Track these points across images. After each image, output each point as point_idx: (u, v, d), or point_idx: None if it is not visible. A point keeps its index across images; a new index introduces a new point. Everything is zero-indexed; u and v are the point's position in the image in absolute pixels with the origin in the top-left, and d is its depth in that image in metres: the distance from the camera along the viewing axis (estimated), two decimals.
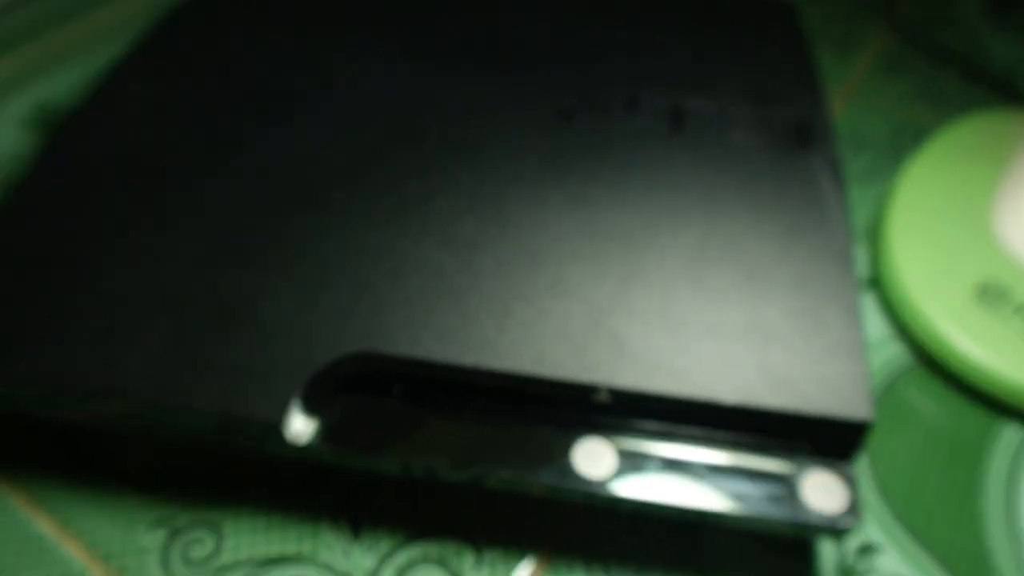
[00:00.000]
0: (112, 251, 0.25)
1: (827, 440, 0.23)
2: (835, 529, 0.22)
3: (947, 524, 0.26)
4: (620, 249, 0.25)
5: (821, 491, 0.23)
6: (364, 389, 0.24)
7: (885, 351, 0.31)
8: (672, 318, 0.24)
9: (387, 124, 0.29)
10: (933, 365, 0.30)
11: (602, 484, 0.22)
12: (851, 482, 0.23)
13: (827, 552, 0.26)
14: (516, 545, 0.25)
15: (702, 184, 0.27)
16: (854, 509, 0.22)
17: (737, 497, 0.22)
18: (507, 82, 0.31)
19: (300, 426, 0.23)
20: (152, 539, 0.25)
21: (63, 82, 0.41)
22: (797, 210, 0.27)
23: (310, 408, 0.23)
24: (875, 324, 0.31)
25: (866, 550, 0.26)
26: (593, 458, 0.23)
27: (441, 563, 0.25)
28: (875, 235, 0.34)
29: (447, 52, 0.32)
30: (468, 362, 0.23)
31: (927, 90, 0.43)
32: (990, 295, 0.29)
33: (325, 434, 0.23)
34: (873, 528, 0.26)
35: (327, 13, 0.35)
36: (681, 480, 0.23)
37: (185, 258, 0.25)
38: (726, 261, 0.25)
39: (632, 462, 0.23)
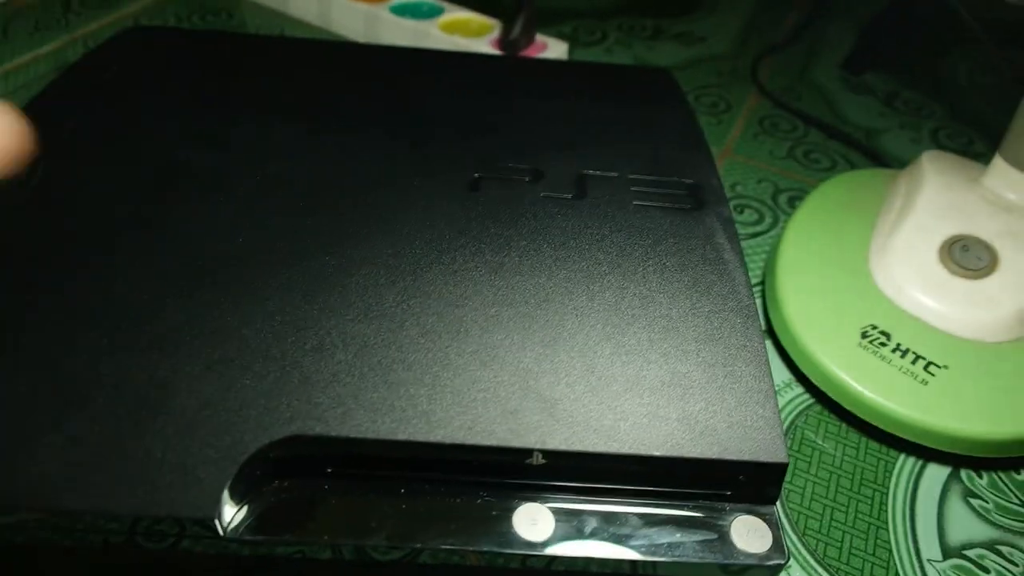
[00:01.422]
0: (7, 342, 0.24)
1: (749, 484, 0.24)
2: (766, 568, 0.23)
3: (859, 556, 0.28)
4: (540, 313, 0.26)
5: (748, 534, 0.24)
6: (295, 472, 0.23)
7: (786, 395, 0.33)
8: (596, 378, 0.25)
9: (298, 197, 0.29)
10: (830, 405, 0.32)
11: (543, 547, 0.23)
12: (774, 522, 0.24)
13: None
14: None
15: (610, 247, 0.29)
16: (780, 547, 0.23)
17: (671, 547, 0.23)
18: (415, 155, 0.31)
19: (233, 519, 0.22)
20: None
21: None
22: (700, 266, 0.28)
23: (241, 499, 0.22)
24: (774, 370, 0.33)
25: None
26: (532, 522, 0.23)
27: None
28: (765, 287, 0.36)
29: (355, 125, 0.33)
30: (401, 437, 0.23)
31: (795, 149, 0.47)
32: (873, 337, 0.32)
33: (257, 525, 0.22)
34: (793, 566, 0.27)
35: (221, 83, 0.35)
36: (617, 535, 0.23)
37: (92, 347, 0.24)
38: (641, 319, 0.26)
39: (569, 522, 0.23)
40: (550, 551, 0.23)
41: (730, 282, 0.28)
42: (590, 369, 0.25)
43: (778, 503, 0.24)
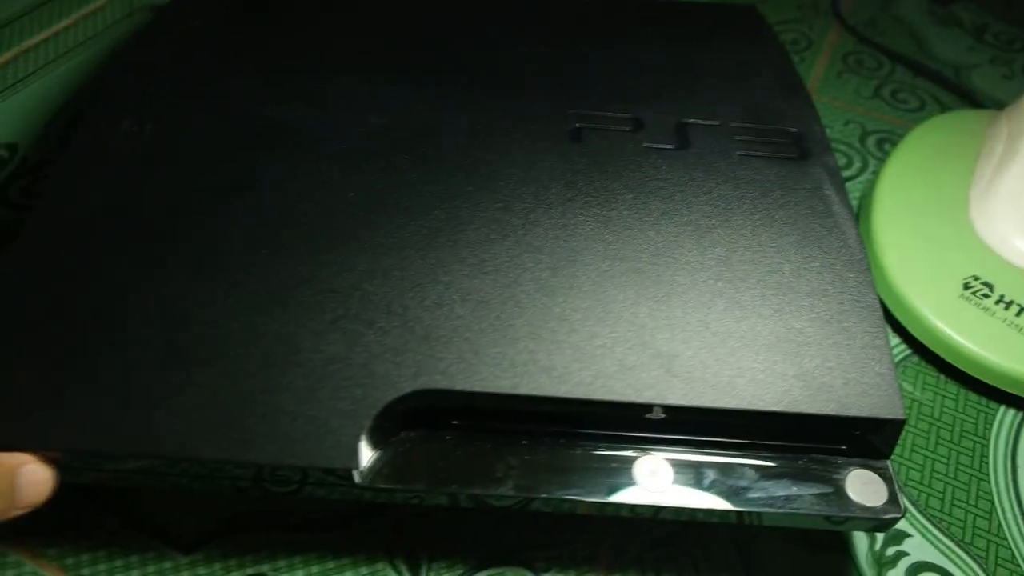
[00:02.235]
0: (137, 305, 0.24)
1: (864, 439, 0.24)
2: (882, 520, 0.23)
3: (961, 506, 0.28)
4: (652, 268, 0.26)
5: (863, 487, 0.24)
6: (421, 424, 0.24)
7: None
8: (711, 333, 0.25)
9: (401, 151, 0.29)
10: (928, 357, 0.32)
11: (664, 496, 0.23)
12: (890, 477, 0.24)
13: (860, 544, 0.27)
14: (574, 563, 0.26)
15: (717, 199, 0.28)
16: (895, 501, 0.24)
17: (787, 499, 0.24)
18: (514, 105, 0.31)
19: (366, 468, 0.23)
20: None
21: (2, 116, 0.39)
22: (810, 219, 0.28)
23: (373, 449, 0.23)
24: None
25: (893, 539, 0.27)
26: (652, 473, 0.24)
27: None
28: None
29: (450, 77, 0.32)
30: (523, 391, 0.23)
31: (882, 88, 0.45)
32: (975, 289, 0.31)
33: (389, 473, 0.23)
34: None
35: (308, 33, 0.34)
36: (734, 487, 0.24)
37: (218, 306, 0.24)
38: (753, 274, 0.26)
39: (688, 474, 0.24)
40: (669, 502, 0.23)
41: (841, 236, 0.27)
42: (705, 324, 0.25)
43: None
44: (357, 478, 0.22)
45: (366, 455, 0.23)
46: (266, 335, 0.24)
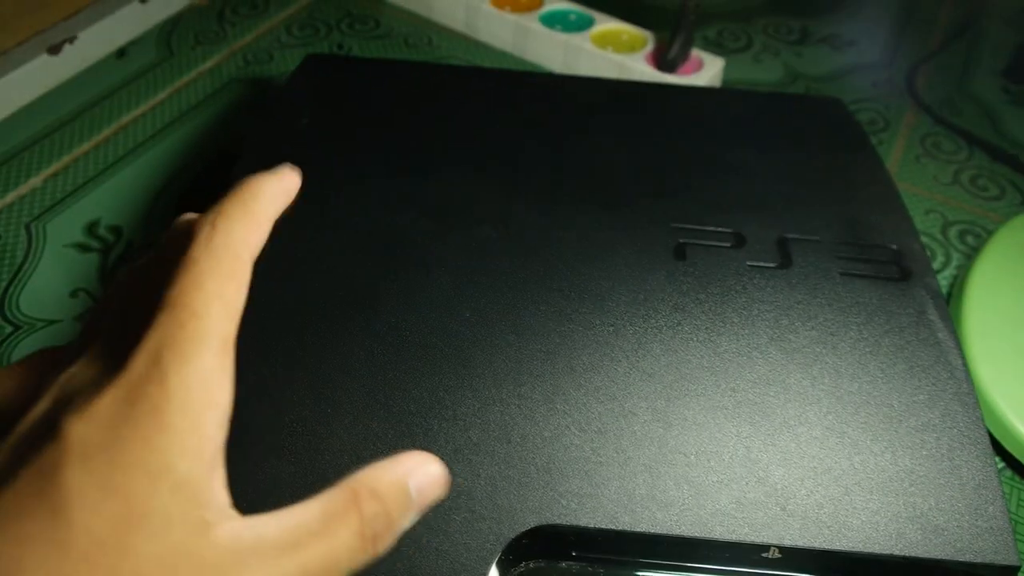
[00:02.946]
0: (266, 429, 0.25)
1: None
2: None
3: None
4: (760, 399, 0.27)
5: None
6: (542, 554, 0.25)
7: None
8: (825, 471, 0.25)
9: (509, 268, 0.30)
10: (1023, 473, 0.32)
11: None
12: None
13: None
14: None
15: (822, 324, 0.29)
16: None
17: None
18: (619, 218, 0.32)
19: None
20: None
21: (107, 197, 0.41)
22: (915, 347, 0.28)
23: None
24: None
25: None
26: None
27: None
28: None
29: (554, 186, 0.33)
30: (641, 528, 0.24)
31: (960, 174, 0.45)
32: None
33: None
34: None
35: (409, 131, 0.35)
36: None
37: (345, 433, 0.25)
38: (862, 407, 0.27)
39: None
40: None
41: (947, 366, 0.28)
42: (818, 461, 0.25)
43: None
44: None
45: None
46: None
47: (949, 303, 0.37)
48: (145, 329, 0.19)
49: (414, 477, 0.20)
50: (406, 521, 0.20)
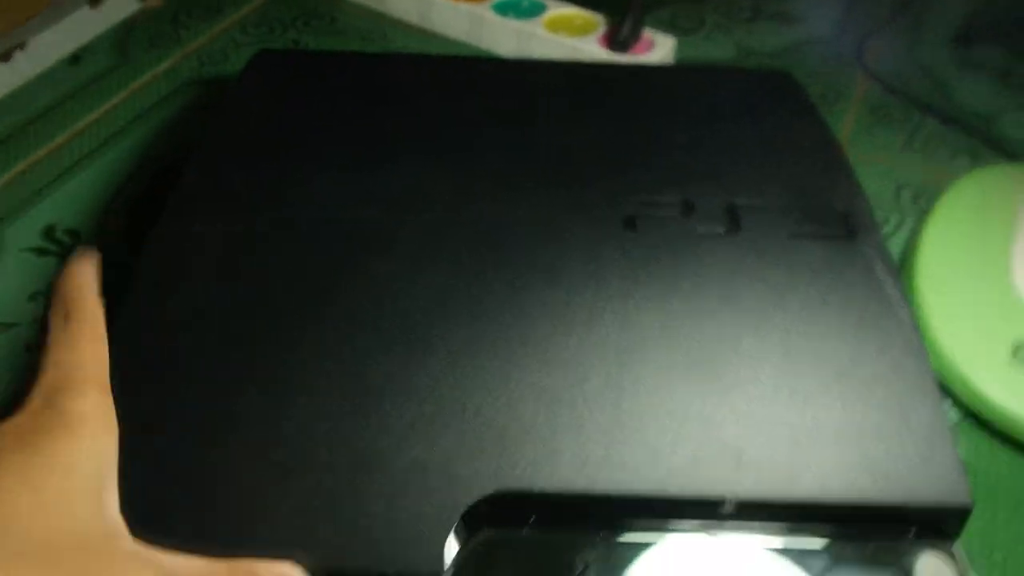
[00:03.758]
0: (225, 414, 0.25)
1: (932, 525, 0.25)
2: None
3: (1021, 573, 0.29)
4: (713, 359, 0.27)
5: (934, 571, 0.25)
6: (499, 522, 0.25)
7: None
8: (776, 424, 0.26)
9: (462, 247, 0.30)
10: (980, 423, 0.33)
11: None
12: (960, 560, 0.25)
13: None
14: None
15: (771, 285, 0.29)
16: None
17: None
18: (570, 195, 0.32)
19: (451, 570, 0.24)
20: None
21: (64, 201, 0.40)
22: (863, 303, 0.29)
23: (457, 550, 0.24)
24: None
25: None
26: (725, 561, 0.24)
27: None
28: None
29: (496, 159, 0.33)
30: (598, 489, 0.24)
31: (912, 140, 0.46)
32: None
33: (471, 573, 0.24)
34: None
35: (361, 118, 0.36)
36: (808, 574, 0.24)
37: (303, 413, 0.25)
38: (812, 363, 0.27)
39: (761, 562, 0.25)
40: None
41: (895, 318, 0.28)
42: (770, 415, 0.26)
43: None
44: None
45: (450, 557, 0.24)
46: (349, 441, 0.25)
47: (903, 262, 0.38)
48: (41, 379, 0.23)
49: None
50: None
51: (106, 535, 0.21)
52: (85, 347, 0.24)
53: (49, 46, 0.47)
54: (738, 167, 0.34)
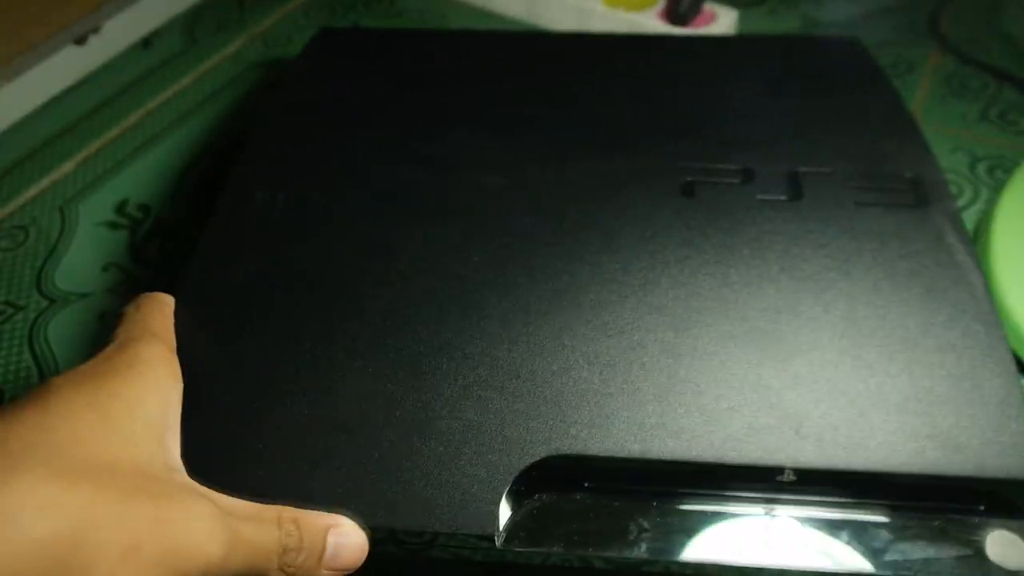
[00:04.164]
0: (285, 373, 0.26)
1: (1003, 499, 0.24)
2: None
3: None
4: (771, 327, 0.26)
5: (1004, 549, 0.24)
6: (553, 486, 0.25)
7: None
8: (840, 393, 0.25)
9: (519, 213, 0.30)
10: None
11: (794, 557, 0.23)
12: None
13: None
14: None
15: (834, 250, 0.28)
16: None
17: (925, 562, 0.23)
18: (626, 160, 0.32)
19: (504, 532, 0.24)
20: None
21: (135, 179, 0.42)
22: (933, 270, 0.28)
23: (509, 513, 0.24)
24: None
25: None
26: (783, 534, 0.24)
27: None
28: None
29: (560, 133, 0.33)
30: (653, 455, 0.24)
31: (989, 110, 0.44)
32: None
33: (526, 536, 0.24)
34: None
35: (419, 92, 0.36)
36: (868, 548, 0.24)
37: (360, 374, 0.26)
38: (877, 331, 0.26)
39: (819, 535, 0.24)
40: (801, 563, 0.23)
41: (967, 287, 0.27)
42: (832, 384, 0.25)
43: None
44: (497, 542, 0.23)
45: (503, 519, 0.24)
46: (404, 403, 0.25)
47: (978, 236, 0.36)
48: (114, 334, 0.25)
49: (335, 534, 0.23)
50: (317, 565, 0.23)
51: (165, 468, 0.22)
52: (155, 316, 0.26)
53: (122, 30, 0.49)
54: (802, 134, 0.33)
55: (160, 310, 0.26)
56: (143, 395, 0.23)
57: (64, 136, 0.44)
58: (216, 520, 0.21)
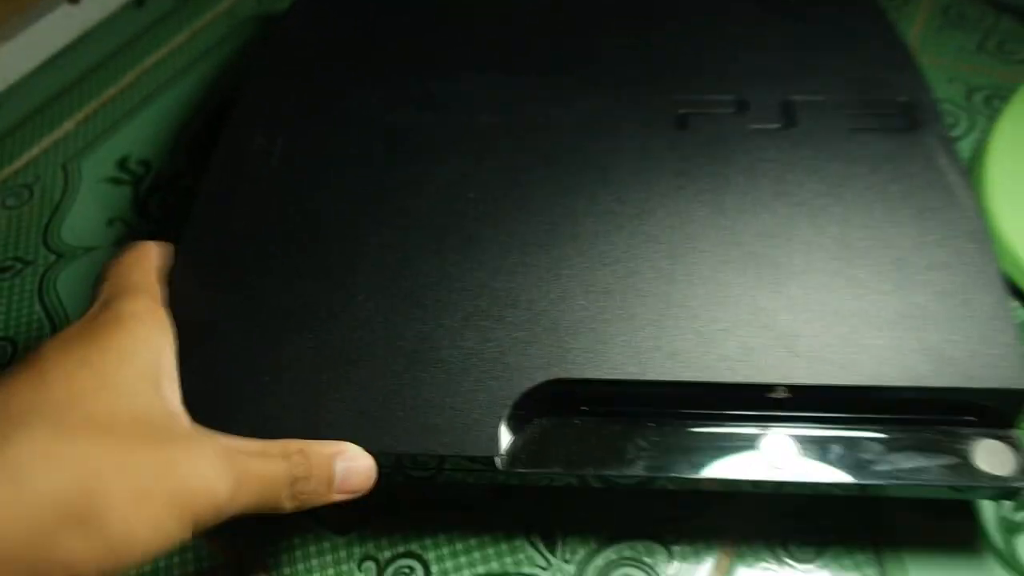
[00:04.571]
0: (289, 309, 0.26)
1: (990, 411, 0.25)
2: (1011, 489, 0.24)
3: None
4: (765, 251, 0.27)
5: (992, 457, 0.24)
6: (553, 411, 0.25)
7: None
8: (832, 312, 0.25)
9: (515, 149, 0.30)
10: None
11: (787, 471, 0.24)
12: (1018, 446, 0.24)
13: (988, 510, 0.27)
14: (702, 536, 0.27)
15: (827, 176, 0.29)
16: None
17: (915, 471, 0.24)
18: (620, 95, 0.32)
19: (506, 455, 0.24)
20: (364, 574, 0.27)
21: (135, 135, 0.42)
22: (924, 192, 0.28)
23: (511, 436, 0.25)
24: None
25: (1022, 504, 0.27)
26: (776, 449, 0.25)
27: (636, 563, 0.27)
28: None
29: (554, 71, 0.33)
30: (649, 377, 0.25)
31: (986, 41, 0.44)
32: None
33: (527, 459, 0.25)
34: None
35: (412, 38, 0.36)
36: (861, 460, 0.24)
37: (359, 309, 0.26)
38: (870, 251, 0.27)
39: (812, 449, 0.25)
40: (793, 477, 0.24)
41: (957, 207, 0.27)
42: (824, 304, 0.26)
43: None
44: (499, 464, 0.24)
45: (505, 442, 0.24)
46: (407, 334, 0.26)
47: (972, 164, 0.37)
48: (97, 292, 0.25)
49: (342, 460, 0.24)
50: (328, 491, 0.23)
51: (165, 414, 0.22)
52: (136, 269, 0.26)
53: None
54: (795, 64, 0.33)
55: (141, 262, 0.26)
56: (134, 347, 0.23)
57: (63, 96, 0.44)
58: (222, 458, 0.21)
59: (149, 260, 0.27)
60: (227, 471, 0.21)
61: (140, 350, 0.23)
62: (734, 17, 0.35)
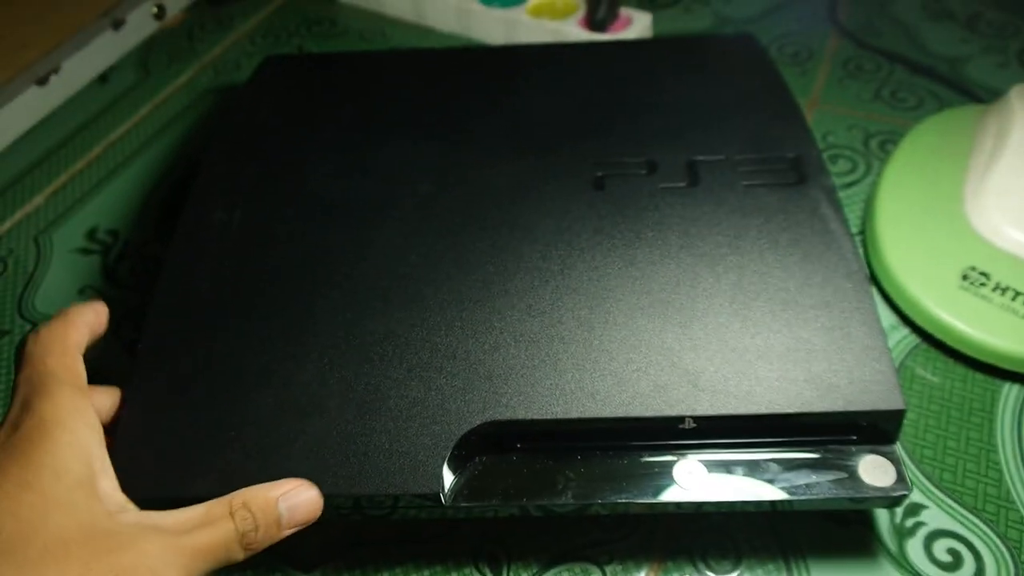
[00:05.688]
0: (250, 369, 0.29)
1: (872, 430, 0.28)
2: (892, 498, 0.27)
3: (972, 477, 0.32)
4: (674, 298, 0.30)
5: (875, 471, 0.28)
6: (490, 449, 0.29)
7: (893, 337, 0.36)
8: (730, 350, 0.29)
9: (449, 214, 0.34)
10: (935, 344, 0.35)
11: (700, 493, 0.28)
12: (897, 460, 0.28)
13: (882, 518, 0.31)
14: (631, 555, 0.30)
15: (726, 228, 0.32)
16: (903, 480, 0.28)
17: (808, 487, 0.28)
18: (546, 163, 0.35)
19: (450, 491, 0.27)
20: None
21: (103, 206, 0.45)
22: (810, 238, 0.32)
23: (453, 474, 0.28)
24: (880, 314, 0.37)
25: (911, 511, 0.31)
26: (689, 474, 0.28)
27: None
28: (865, 236, 0.40)
29: (483, 141, 0.37)
30: (574, 415, 0.28)
31: (882, 90, 0.49)
32: (973, 279, 0.35)
33: (468, 493, 0.28)
34: (914, 491, 0.32)
35: (356, 109, 0.40)
36: (761, 479, 0.28)
37: (314, 366, 0.29)
38: (763, 294, 0.30)
39: (719, 472, 0.28)
40: (706, 497, 0.28)
41: (838, 251, 0.31)
42: (723, 342, 0.29)
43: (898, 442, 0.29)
44: (444, 500, 0.27)
45: (448, 480, 0.27)
46: (357, 386, 0.29)
47: (868, 203, 0.41)
48: (14, 395, 0.26)
49: (286, 499, 0.26)
50: (277, 531, 0.25)
51: (107, 518, 0.23)
52: (54, 350, 0.26)
53: (79, 68, 0.52)
54: (699, 126, 0.37)
55: (61, 339, 0.26)
56: (64, 457, 0.24)
57: (33, 171, 0.47)
58: (169, 549, 0.23)
59: (69, 337, 0.27)
60: (176, 558, 0.23)
61: (69, 459, 0.24)
62: (648, 85, 0.39)
